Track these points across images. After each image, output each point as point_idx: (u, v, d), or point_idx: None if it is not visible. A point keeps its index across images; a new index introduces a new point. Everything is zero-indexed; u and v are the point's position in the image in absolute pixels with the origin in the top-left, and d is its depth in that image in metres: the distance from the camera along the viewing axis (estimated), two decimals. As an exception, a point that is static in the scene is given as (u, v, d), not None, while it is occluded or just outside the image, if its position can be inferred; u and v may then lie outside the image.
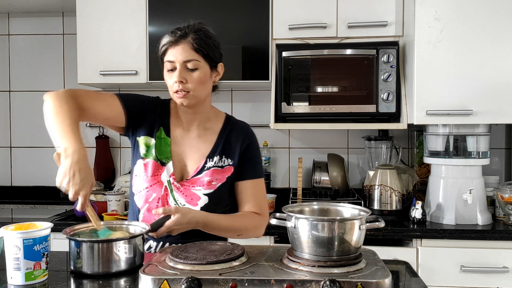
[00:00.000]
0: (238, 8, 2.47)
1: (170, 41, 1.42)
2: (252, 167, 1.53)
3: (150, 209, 1.45)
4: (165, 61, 1.44)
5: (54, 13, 3.00)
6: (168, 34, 1.44)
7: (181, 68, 1.41)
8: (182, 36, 1.42)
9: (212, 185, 1.46)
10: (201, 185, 1.46)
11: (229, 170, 1.50)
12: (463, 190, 2.21)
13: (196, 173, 1.48)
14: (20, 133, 3.05)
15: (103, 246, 1.17)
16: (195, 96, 1.43)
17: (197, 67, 1.42)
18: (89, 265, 1.17)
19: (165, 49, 1.43)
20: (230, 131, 1.54)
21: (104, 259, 1.17)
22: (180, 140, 1.51)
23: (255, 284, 1.01)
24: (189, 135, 1.52)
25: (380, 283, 1.00)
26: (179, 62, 1.41)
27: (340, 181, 2.54)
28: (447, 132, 2.30)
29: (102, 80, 2.56)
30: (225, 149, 1.51)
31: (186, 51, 1.40)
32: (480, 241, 2.11)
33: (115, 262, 1.17)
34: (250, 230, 1.49)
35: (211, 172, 1.47)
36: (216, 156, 1.49)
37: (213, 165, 1.48)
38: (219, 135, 1.53)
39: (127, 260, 1.19)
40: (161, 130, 1.50)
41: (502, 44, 2.18)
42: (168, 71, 1.44)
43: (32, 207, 2.84)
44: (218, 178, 1.48)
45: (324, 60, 2.42)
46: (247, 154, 1.52)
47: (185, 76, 1.41)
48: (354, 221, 1.09)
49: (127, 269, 1.19)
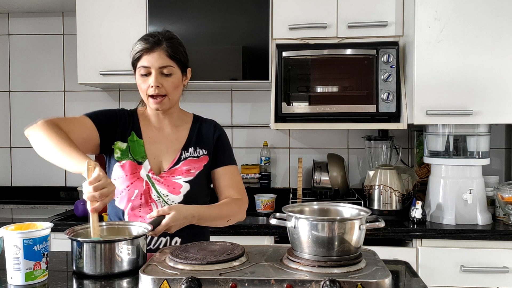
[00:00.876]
0: (238, 8, 2.47)
1: (145, 47, 1.49)
2: (227, 155, 1.63)
3: (134, 207, 1.50)
4: (139, 66, 1.51)
5: (54, 13, 3.00)
6: (140, 41, 1.52)
7: (157, 74, 1.49)
8: (157, 43, 1.50)
9: (191, 173, 1.54)
10: (180, 174, 1.53)
11: (204, 159, 1.58)
12: (463, 190, 2.21)
13: (173, 164, 1.55)
14: (20, 133, 3.02)
15: (106, 247, 1.17)
16: (170, 100, 1.53)
17: (172, 72, 1.51)
18: (91, 266, 1.17)
19: (140, 55, 1.50)
20: (200, 125, 1.64)
21: (106, 260, 1.16)
22: (154, 139, 1.58)
23: (255, 284, 1.02)
24: (162, 133, 1.60)
25: (380, 283, 1.00)
26: (155, 68, 1.49)
27: (340, 181, 2.55)
28: (447, 132, 2.30)
29: (102, 80, 2.56)
30: (198, 140, 1.60)
31: (162, 57, 1.49)
32: (480, 241, 2.11)
33: (117, 262, 1.17)
34: (238, 213, 1.56)
35: (188, 162, 1.56)
36: (191, 148, 1.58)
37: (189, 155, 1.57)
38: (191, 130, 1.62)
39: (130, 261, 1.19)
40: (132, 134, 1.58)
41: (502, 44, 2.18)
42: (141, 75, 1.51)
43: (32, 207, 2.83)
44: (196, 167, 1.56)
45: (324, 60, 2.42)
46: (220, 143, 1.62)
47: (160, 81, 1.49)
48: (354, 221, 1.09)
49: (130, 269, 1.19)
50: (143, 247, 1.23)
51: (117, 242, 1.18)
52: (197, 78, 2.43)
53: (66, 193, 2.97)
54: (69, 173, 2.99)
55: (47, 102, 3.02)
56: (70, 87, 3.01)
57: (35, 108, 3.02)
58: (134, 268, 1.19)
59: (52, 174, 2.99)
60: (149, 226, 1.30)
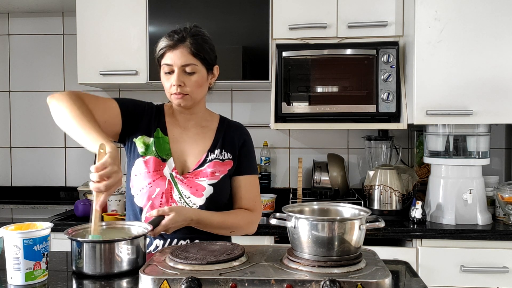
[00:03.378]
0: (238, 8, 2.47)
1: (168, 45, 1.44)
2: (248, 163, 1.57)
3: (153, 206, 1.45)
4: (163, 64, 1.46)
5: (54, 13, 3.00)
6: (165, 37, 1.46)
7: (179, 72, 1.44)
8: (180, 40, 1.44)
9: (215, 175, 1.49)
10: (205, 176, 1.48)
11: (229, 163, 1.53)
12: (463, 190, 2.21)
13: (198, 166, 1.50)
14: (20, 133, 3.05)
15: (105, 247, 1.17)
16: (192, 98, 1.47)
17: (195, 71, 1.45)
18: (91, 266, 1.16)
19: (163, 52, 1.45)
20: (226, 128, 1.58)
21: (106, 260, 1.16)
22: (179, 138, 1.53)
23: (255, 284, 1.01)
24: (187, 133, 1.55)
25: (380, 283, 1.00)
26: (178, 66, 1.43)
27: (340, 181, 2.55)
28: (447, 132, 2.30)
29: (102, 80, 2.56)
30: (224, 143, 1.55)
31: (185, 55, 1.43)
32: (480, 241, 2.11)
33: (117, 263, 1.17)
34: (242, 227, 1.52)
35: (213, 164, 1.50)
36: (217, 150, 1.53)
37: (215, 157, 1.52)
38: (217, 132, 1.56)
39: (130, 261, 1.18)
40: (158, 131, 1.53)
41: (502, 44, 2.18)
42: (165, 73, 1.47)
43: (32, 207, 2.83)
44: (220, 170, 1.50)
45: (324, 60, 2.42)
46: (243, 150, 1.57)
47: (183, 80, 1.44)
48: (354, 221, 1.09)
49: (130, 269, 1.18)
50: (143, 247, 1.23)
51: (117, 242, 1.18)
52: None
53: (66, 193, 2.97)
54: (69, 173, 2.99)
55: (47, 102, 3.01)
56: (70, 87, 3.01)
57: (35, 108, 3.02)
58: (134, 268, 1.19)
59: (52, 174, 3.00)
60: (149, 226, 1.29)
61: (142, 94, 2.82)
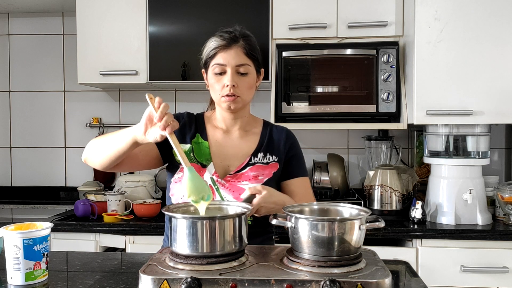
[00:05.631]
0: (238, 8, 2.47)
1: (221, 44, 1.41)
2: (299, 165, 1.55)
3: None
4: (214, 64, 1.42)
5: (54, 13, 3.00)
6: (216, 37, 1.44)
7: (233, 72, 1.41)
8: (234, 40, 1.42)
9: (259, 179, 1.44)
10: (247, 180, 1.44)
11: (274, 166, 1.49)
12: (463, 190, 2.21)
13: (240, 169, 1.46)
14: (20, 133, 3.05)
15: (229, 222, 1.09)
16: (243, 100, 1.45)
17: (248, 72, 1.43)
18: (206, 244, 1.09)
19: (215, 52, 1.42)
20: (270, 131, 1.55)
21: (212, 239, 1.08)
22: (221, 142, 1.50)
23: (255, 284, 1.01)
24: (230, 137, 1.52)
25: (380, 283, 1.00)
26: (232, 66, 1.41)
27: (340, 181, 2.55)
28: (447, 132, 2.30)
29: (102, 80, 2.56)
30: (268, 146, 1.51)
31: (239, 55, 1.41)
32: (480, 241, 2.11)
33: (223, 242, 1.09)
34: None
35: (256, 168, 1.46)
36: (260, 153, 1.49)
37: (258, 161, 1.48)
38: (261, 136, 1.53)
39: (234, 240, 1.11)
40: (197, 136, 1.50)
41: (502, 44, 2.18)
42: (216, 74, 1.43)
43: (32, 207, 2.83)
44: (264, 173, 1.46)
45: (324, 60, 2.42)
46: (293, 152, 1.54)
47: (236, 81, 1.41)
48: (354, 221, 1.09)
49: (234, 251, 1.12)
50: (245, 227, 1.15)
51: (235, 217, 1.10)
52: (197, 78, 2.43)
53: (66, 193, 2.97)
54: (69, 173, 2.99)
55: (47, 102, 3.02)
56: (70, 87, 3.01)
57: (35, 108, 3.02)
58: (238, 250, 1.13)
59: (52, 174, 3.00)
60: (248, 205, 1.21)
61: (142, 94, 2.81)
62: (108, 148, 1.33)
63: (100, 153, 1.35)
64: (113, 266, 1.31)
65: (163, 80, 2.54)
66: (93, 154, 1.38)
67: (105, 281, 1.14)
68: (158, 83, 2.56)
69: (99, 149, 1.36)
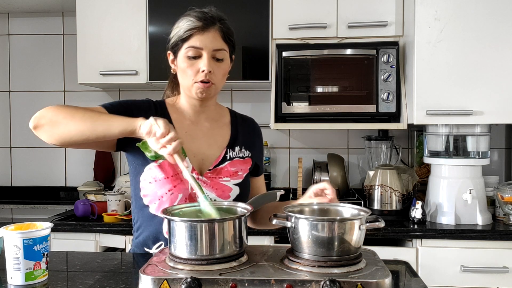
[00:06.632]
0: (238, 8, 2.47)
1: (198, 26, 1.29)
2: (262, 162, 1.54)
3: None
4: (188, 47, 1.30)
5: (54, 13, 3.00)
6: (191, 18, 1.33)
7: (209, 57, 1.30)
8: (211, 21, 1.31)
9: (239, 175, 1.40)
10: (228, 176, 1.38)
11: (248, 162, 1.45)
12: (463, 190, 2.21)
13: (218, 163, 1.38)
14: (20, 133, 3.05)
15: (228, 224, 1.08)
16: (216, 88, 1.35)
17: (224, 57, 1.33)
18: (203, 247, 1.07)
19: (190, 34, 1.30)
20: (241, 122, 1.50)
21: (220, 240, 1.07)
22: (192, 135, 1.39)
23: (255, 284, 1.01)
24: (200, 128, 1.41)
25: (380, 283, 1.00)
26: (209, 50, 1.29)
27: (340, 181, 2.55)
28: (447, 132, 2.30)
29: (102, 80, 2.56)
30: (244, 140, 1.46)
31: (217, 39, 1.30)
32: (480, 241, 2.11)
33: (221, 245, 1.08)
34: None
35: (235, 163, 1.41)
36: (237, 147, 1.43)
37: (235, 155, 1.42)
38: (232, 126, 1.46)
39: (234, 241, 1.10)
40: None
41: (502, 44, 2.18)
42: (188, 58, 1.31)
43: (32, 207, 2.84)
44: (242, 169, 1.42)
45: (324, 60, 2.42)
46: (261, 148, 1.53)
47: (212, 67, 1.30)
48: (354, 221, 1.09)
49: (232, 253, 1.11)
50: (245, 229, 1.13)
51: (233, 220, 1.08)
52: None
53: (66, 193, 2.97)
54: (69, 173, 2.99)
55: (47, 102, 2.99)
56: (70, 87, 3.01)
57: (35, 108, 2.97)
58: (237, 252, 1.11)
59: (52, 174, 3.00)
60: (248, 206, 1.17)
61: (142, 94, 2.82)
62: (91, 127, 1.19)
63: (72, 127, 1.20)
64: (113, 266, 1.31)
65: (163, 80, 2.53)
66: (56, 124, 1.22)
67: (105, 281, 1.14)
68: (158, 83, 2.56)
69: (74, 122, 1.20)
